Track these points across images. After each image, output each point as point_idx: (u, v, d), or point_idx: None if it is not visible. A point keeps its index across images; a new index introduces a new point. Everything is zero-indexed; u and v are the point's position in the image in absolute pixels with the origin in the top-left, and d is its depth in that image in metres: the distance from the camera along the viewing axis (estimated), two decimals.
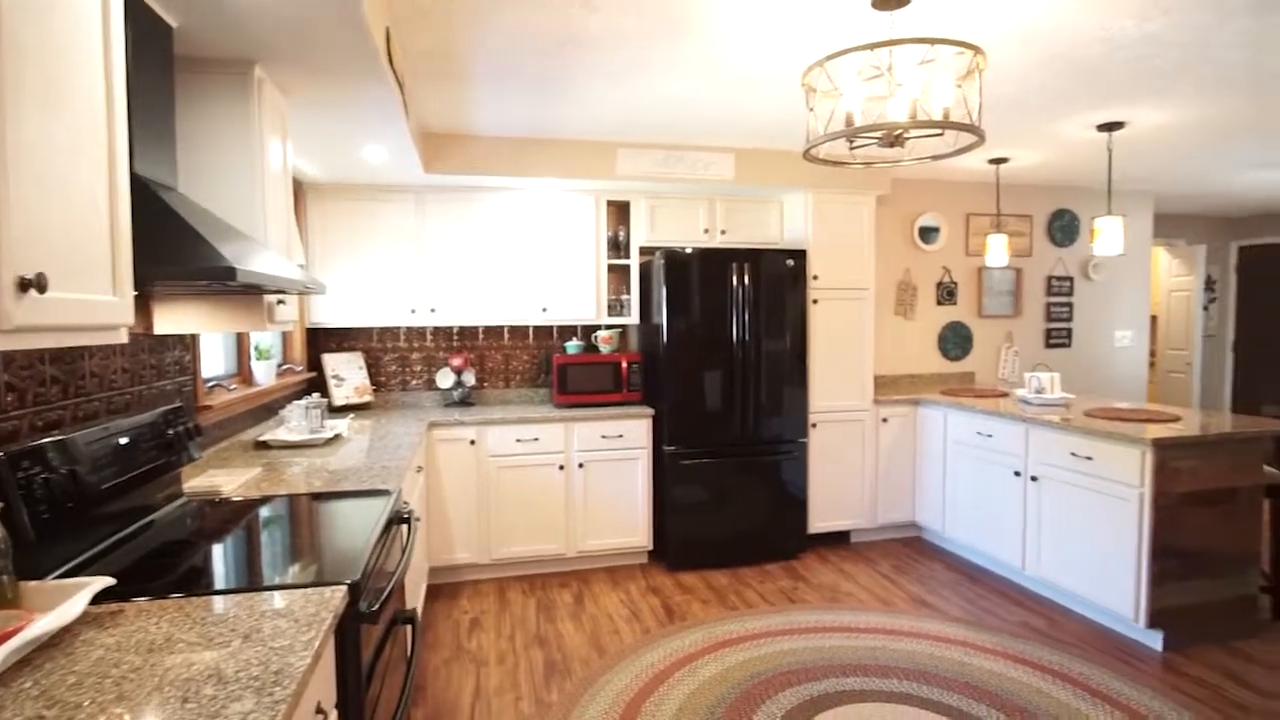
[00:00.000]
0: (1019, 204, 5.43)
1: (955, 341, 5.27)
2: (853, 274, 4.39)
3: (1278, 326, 7.04)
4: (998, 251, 4.57)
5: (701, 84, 3.05)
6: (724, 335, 4.06)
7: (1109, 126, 3.71)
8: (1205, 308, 7.33)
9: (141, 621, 1.23)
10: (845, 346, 4.38)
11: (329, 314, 3.98)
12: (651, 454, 4.08)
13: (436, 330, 4.41)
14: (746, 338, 4.09)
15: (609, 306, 4.36)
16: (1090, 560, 3.28)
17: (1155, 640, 3.08)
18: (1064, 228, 5.55)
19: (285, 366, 3.73)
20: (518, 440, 3.88)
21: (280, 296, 2.26)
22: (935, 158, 2.32)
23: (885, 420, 4.46)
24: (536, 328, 4.52)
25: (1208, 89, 3.15)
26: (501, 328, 4.48)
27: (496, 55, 2.69)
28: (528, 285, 4.18)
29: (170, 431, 1.95)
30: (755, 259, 4.10)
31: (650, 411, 4.06)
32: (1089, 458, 3.26)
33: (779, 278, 4.14)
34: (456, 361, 4.23)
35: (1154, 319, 7.55)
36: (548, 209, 4.19)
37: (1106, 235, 3.84)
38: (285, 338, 3.90)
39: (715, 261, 4.04)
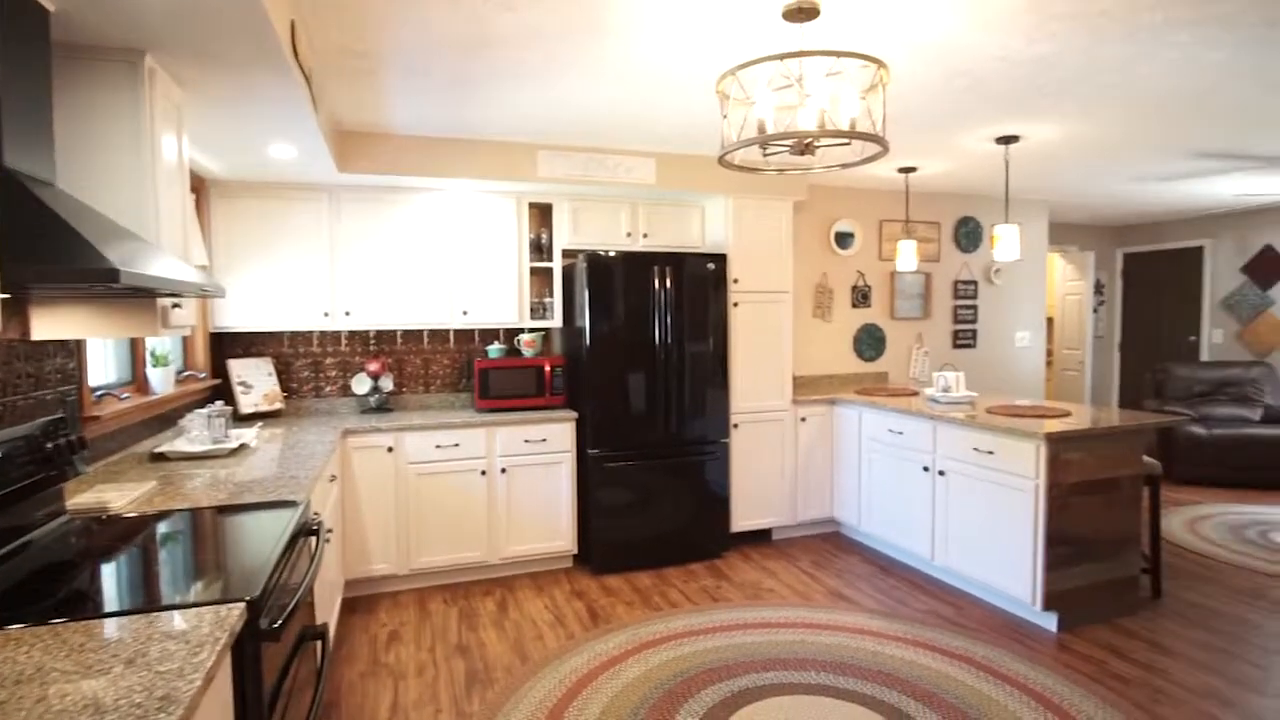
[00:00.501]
0: (928, 211, 5.69)
1: (869, 343, 5.48)
2: (772, 278, 4.50)
3: (1158, 327, 7.63)
4: (907, 256, 4.78)
5: (621, 88, 3.06)
6: (646, 338, 4.09)
7: (1006, 140, 3.94)
8: (1095, 310, 7.88)
9: (10, 651, 1.14)
10: (765, 348, 4.49)
11: (235, 317, 3.79)
12: (575, 457, 4.07)
13: (352, 334, 4.26)
14: (669, 340, 4.13)
15: (532, 309, 4.32)
16: (992, 549, 3.47)
17: (1050, 622, 3.29)
18: (969, 234, 5.85)
19: (186, 374, 3.53)
20: (438, 446, 3.80)
21: (175, 300, 2.14)
22: (844, 166, 2.41)
23: (804, 420, 4.59)
24: (457, 331, 4.44)
25: (1090, 107, 3.38)
26: (421, 331, 4.37)
27: (411, 53, 2.64)
28: (448, 288, 4.10)
29: (50, 445, 1.82)
30: (677, 262, 4.15)
31: (574, 415, 4.05)
32: (991, 452, 3.45)
33: (701, 281, 4.21)
34: (373, 366, 4.10)
35: (1050, 321, 8.06)
36: (468, 210, 4.13)
37: (1004, 242, 4.08)
38: (185, 343, 3.69)
39: (638, 265, 4.07)
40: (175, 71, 2.11)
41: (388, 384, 4.18)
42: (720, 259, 4.26)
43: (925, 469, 3.86)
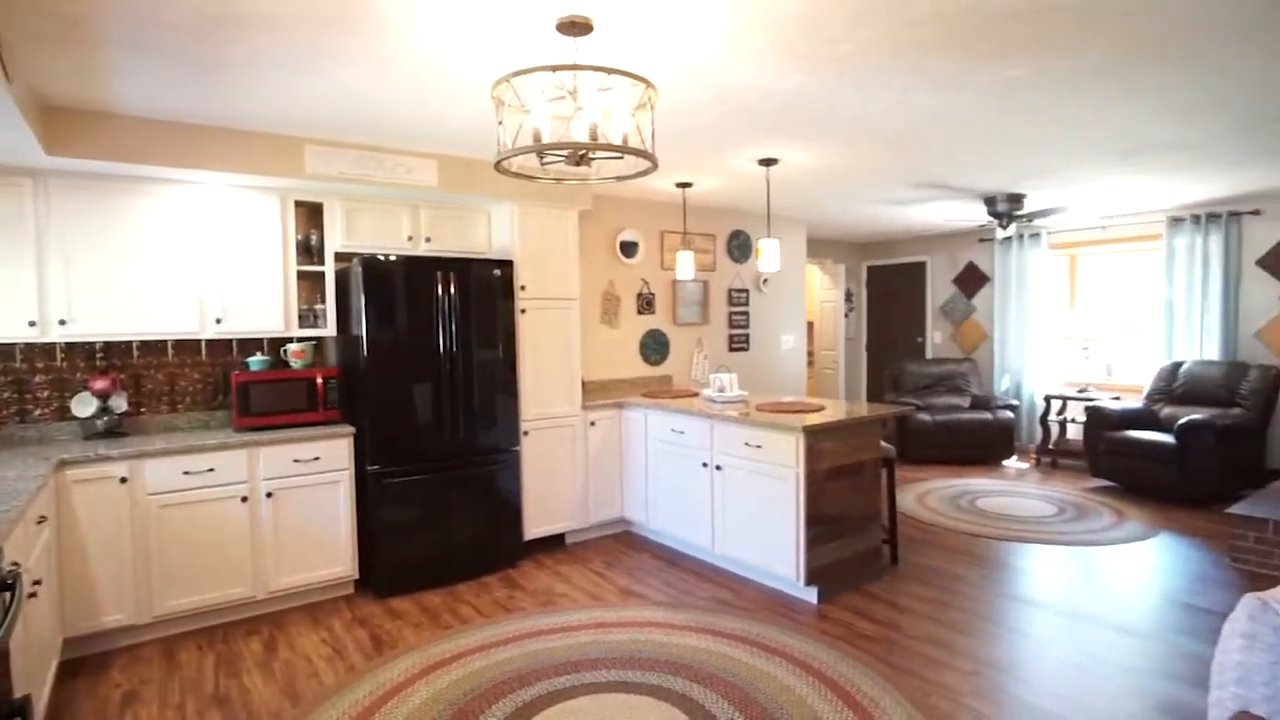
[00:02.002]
0: (704, 224, 6.11)
1: (654, 347, 5.75)
2: (560, 285, 4.55)
3: (894, 330, 8.86)
4: (685, 266, 5.08)
5: (398, 85, 2.92)
6: (431, 346, 3.94)
7: (767, 162, 4.35)
8: (846, 316, 8.96)
9: None
10: (555, 355, 4.53)
11: None
12: (354, 475, 3.80)
13: (71, 347, 3.61)
14: (455, 348, 4.01)
15: (301, 317, 3.97)
16: (763, 535, 3.79)
17: (812, 595, 3.67)
18: (740, 246, 6.37)
19: None
20: (187, 473, 3.35)
21: None
22: (619, 178, 2.51)
23: (594, 424, 4.70)
24: (210, 342, 3.94)
25: (832, 138, 3.84)
26: (164, 342, 3.82)
27: (137, 23, 2.30)
28: (199, 293, 3.63)
29: None
30: (462, 268, 4.04)
31: (350, 430, 3.78)
32: (759, 446, 3.77)
33: (487, 287, 4.14)
34: (100, 384, 3.51)
35: (810, 325, 9.02)
36: (225, 207, 3.69)
37: (767, 254, 4.49)
38: None
39: (420, 269, 3.90)
40: None
41: (120, 404, 3.60)
42: (507, 265, 4.22)
43: (704, 465, 4.12)
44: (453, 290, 4.00)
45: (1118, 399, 6.48)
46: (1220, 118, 3.56)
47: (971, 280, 8.04)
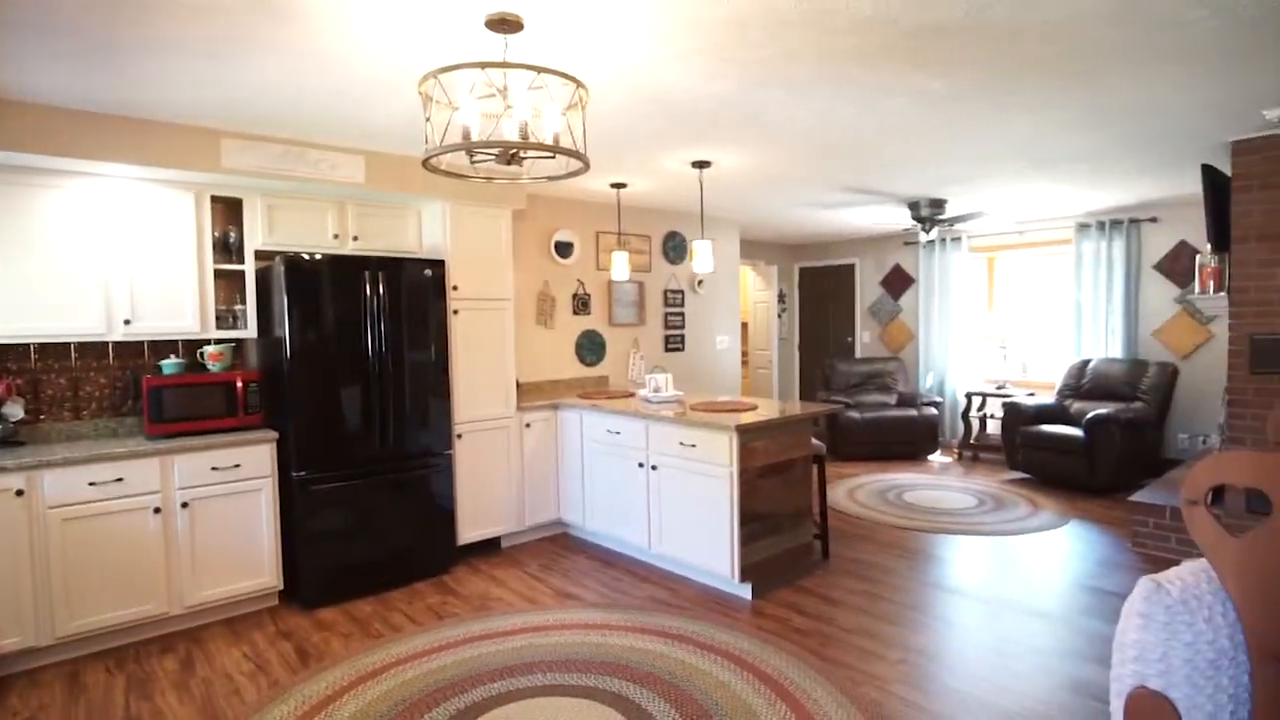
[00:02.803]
0: (639, 225, 6.13)
1: (590, 348, 5.74)
2: (493, 285, 4.49)
3: (826, 330, 9.10)
4: (620, 267, 5.09)
5: (322, 78, 2.83)
6: (359, 348, 3.82)
7: (700, 164, 4.40)
8: (779, 316, 9.14)
9: None
10: (488, 356, 4.46)
11: None
12: (277, 482, 3.65)
13: None
14: (384, 350, 3.90)
15: (219, 318, 3.79)
16: (698, 533, 3.83)
17: (746, 592, 3.72)
18: (675, 247, 6.42)
19: None
20: (92, 484, 3.15)
21: None
22: (551, 179, 2.49)
23: (529, 425, 4.65)
24: (119, 344, 3.72)
25: (762, 142, 3.91)
26: (66, 345, 3.59)
27: (37, 1, 2.15)
28: (105, 292, 3.43)
29: None
30: (392, 268, 3.94)
31: (273, 435, 3.64)
32: (694, 445, 3.81)
33: (419, 287, 4.05)
34: None
35: (745, 325, 9.17)
36: (133, 201, 3.49)
37: (701, 255, 4.54)
38: None
39: (347, 269, 3.79)
40: None
41: (16, 411, 3.36)
42: (439, 265, 4.14)
43: (640, 465, 4.14)
44: (381, 290, 3.89)
45: (1032, 395, 6.82)
46: (1106, 134, 3.84)
47: (898, 282, 8.33)
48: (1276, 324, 3.83)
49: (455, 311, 4.29)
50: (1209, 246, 4.47)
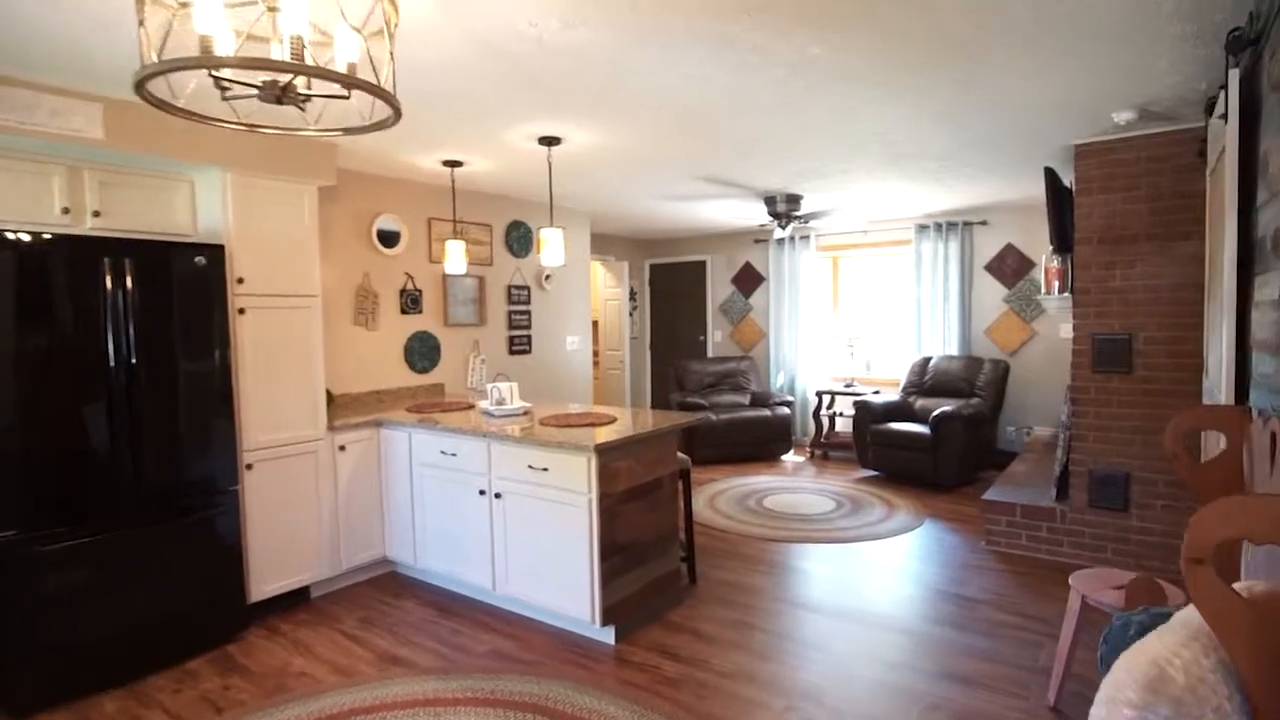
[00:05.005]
0: (479, 213, 5.44)
1: (423, 352, 4.98)
2: (294, 278, 3.64)
3: (678, 329, 8.84)
4: (456, 258, 4.40)
5: None
6: (97, 360, 2.87)
7: (549, 140, 3.82)
8: (630, 314, 8.76)
9: None
10: (289, 365, 3.61)
11: None
12: None
13: None
14: (133, 360, 2.97)
15: None
16: (552, 571, 3.27)
17: (609, 636, 3.22)
18: (520, 239, 5.79)
19: None
20: None
21: None
22: (348, 131, 1.82)
23: (344, 448, 3.84)
24: None
25: (622, 115, 3.41)
26: None
27: None
28: None
29: None
30: (150, 254, 3.02)
31: None
32: (545, 469, 3.24)
33: (189, 280, 3.15)
34: None
35: (595, 324, 8.69)
36: None
37: (550, 246, 3.97)
38: None
39: (82, 255, 2.83)
40: None
41: None
42: (217, 251, 3.26)
43: (482, 492, 3.50)
44: (132, 282, 2.96)
45: (878, 393, 6.91)
46: (963, 134, 3.83)
47: (748, 280, 8.22)
48: (1115, 324, 3.92)
49: (242, 310, 3.41)
50: (1050, 248, 4.58)
